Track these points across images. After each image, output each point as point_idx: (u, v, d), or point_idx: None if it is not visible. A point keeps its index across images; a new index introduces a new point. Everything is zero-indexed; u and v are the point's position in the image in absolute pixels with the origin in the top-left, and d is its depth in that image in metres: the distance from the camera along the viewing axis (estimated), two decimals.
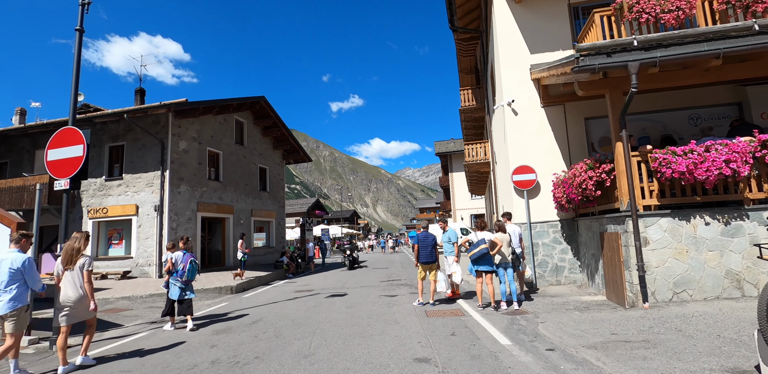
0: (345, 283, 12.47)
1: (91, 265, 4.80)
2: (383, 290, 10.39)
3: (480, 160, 18.03)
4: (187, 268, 6.82)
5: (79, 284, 4.65)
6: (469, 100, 18.65)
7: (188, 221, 15.07)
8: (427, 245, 7.69)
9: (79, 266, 4.70)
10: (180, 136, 15.00)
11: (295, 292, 11.07)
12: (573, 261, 8.80)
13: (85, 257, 4.79)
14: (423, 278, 7.85)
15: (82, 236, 4.83)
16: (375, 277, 13.89)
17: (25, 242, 4.48)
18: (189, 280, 6.93)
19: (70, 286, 4.64)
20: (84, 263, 4.73)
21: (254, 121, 19.99)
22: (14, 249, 4.41)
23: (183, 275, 6.79)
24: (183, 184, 14.96)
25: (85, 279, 4.67)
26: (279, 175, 22.24)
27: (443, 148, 43.54)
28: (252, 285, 13.12)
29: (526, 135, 9.33)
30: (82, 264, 4.72)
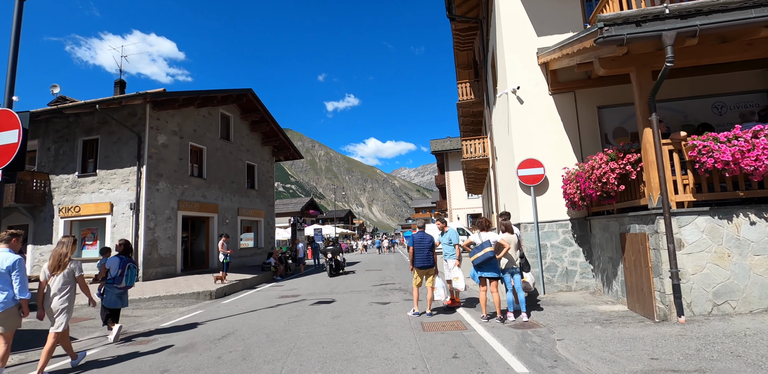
0: (335, 287, 11.54)
1: (82, 270, 4.79)
2: (375, 296, 9.48)
3: (478, 157, 17.17)
4: (125, 274, 5.99)
5: (63, 291, 4.59)
6: (467, 93, 17.78)
7: (167, 220, 14.07)
8: (423, 247, 6.78)
9: (68, 272, 4.65)
10: (159, 129, 14.00)
11: (278, 298, 10.13)
12: (585, 264, 7.93)
13: (74, 262, 4.74)
14: (419, 285, 6.94)
15: (69, 241, 4.78)
16: (367, 280, 12.98)
17: (16, 241, 4.37)
18: (127, 287, 6.18)
19: (54, 293, 4.57)
20: (74, 269, 4.70)
21: (241, 115, 19.00)
22: (4, 248, 4.30)
23: (120, 281, 5.95)
24: (162, 180, 13.96)
25: (80, 284, 4.72)
26: (268, 172, 21.26)
27: (439, 147, 42.73)
28: (235, 290, 12.17)
29: (532, 125, 8.45)
30: (72, 270, 4.68)
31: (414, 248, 6.78)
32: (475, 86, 17.77)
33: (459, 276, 7.19)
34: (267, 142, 20.68)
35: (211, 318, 7.79)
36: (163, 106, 13.80)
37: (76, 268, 4.72)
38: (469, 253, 6.25)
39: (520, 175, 8.24)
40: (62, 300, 4.56)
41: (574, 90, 8.30)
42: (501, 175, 11.64)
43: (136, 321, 8.01)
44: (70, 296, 4.66)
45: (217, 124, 17.28)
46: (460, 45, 19.63)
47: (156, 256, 13.50)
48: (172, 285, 12.09)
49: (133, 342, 5.93)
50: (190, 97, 14.37)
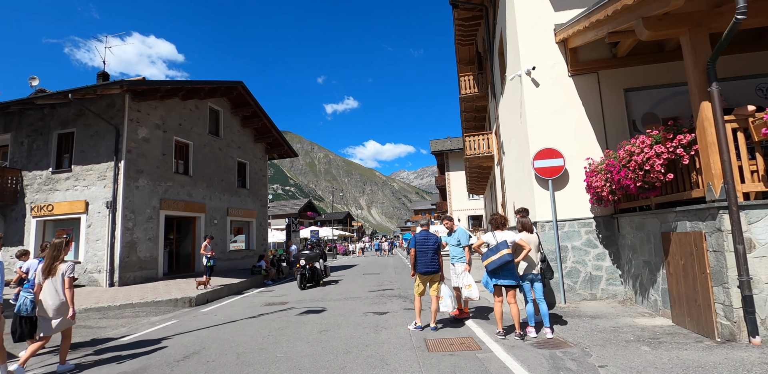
0: (327, 293, 10.50)
1: (73, 272, 4.67)
2: (371, 303, 8.44)
3: (482, 154, 16.18)
4: None
5: (60, 292, 4.51)
6: (470, 87, 16.81)
7: (148, 220, 13.03)
8: (427, 249, 5.75)
9: (61, 273, 4.56)
10: (139, 121, 12.97)
11: (264, 305, 9.10)
12: (612, 269, 6.90)
13: (66, 263, 4.64)
14: (422, 293, 5.91)
15: (62, 242, 4.71)
16: (364, 286, 11.94)
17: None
18: None
19: (49, 295, 4.47)
20: (66, 270, 4.59)
21: (232, 110, 17.99)
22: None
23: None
24: (142, 177, 12.93)
25: (66, 285, 4.55)
26: (261, 170, 20.24)
27: (439, 147, 41.76)
28: (219, 295, 11.14)
29: (549, 111, 7.45)
30: (64, 271, 4.58)
31: (416, 250, 5.76)
32: (479, 79, 16.81)
33: (471, 284, 6.17)
34: (259, 138, 19.67)
35: (182, 330, 6.75)
36: (144, 96, 12.79)
37: (66, 270, 4.60)
38: (481, 256, 5.23)
39: (536, 167, 7.24)
40: (57, 302, 4.47)
41: (597, 70, 7.31)
42: (510, 171, 10.64)
43: (97, 332, 6.97)
44: (62, 299, 4.53)
45: (205, 119, 16.26)
46: (462, 38, 18.68)
47: (135, 259, 12.45)
48: (149, 290, 11.04)
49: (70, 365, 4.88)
50: (174, 88, 13.36)
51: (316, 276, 12.07)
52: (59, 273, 4.55)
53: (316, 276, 12.09)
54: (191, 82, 13.67)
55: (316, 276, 12.09)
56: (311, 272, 11.90)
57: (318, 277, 12.14)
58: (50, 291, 4.49)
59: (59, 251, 4.64)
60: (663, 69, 7.09)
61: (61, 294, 4.51)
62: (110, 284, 11.75)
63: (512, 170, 10.15)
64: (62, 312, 4.50)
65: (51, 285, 4.51)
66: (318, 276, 12.14)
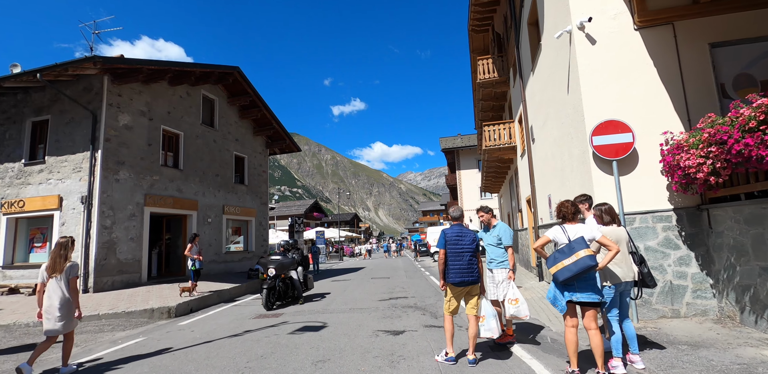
0: (330, 303, 8.95)
1: (77, 272, 4.59)
2: (383, 317, 6.87)
3: (503, 145, 14.55)
4: None
5: (65, 292, 4.45)
6: (488, 71, 15.21)
7: (130, 218, 11.59)
8: (462, 250, 4.15)
9: (65, 274, 4.49)
10: (120, 107, 11.56)
11: (254, 318, 7.57)
12: (700, 277, 5.27)
13: (72, 263, 4.58)
14: (454, 311, 4.30)
15: (67, 241, 4.62)
16: (372, 292, 10.37)
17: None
18: None
19: (55, 295, 4.42)
20: (70, 270, 4.53)
21: (228, 99, 16.56)
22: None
23: None
24: (124, 169, 11.51)
25: (70, 286, 4.50)
26: (261, 166, 18.78)
27: (450, 144, 40.15)
28: (207, 303, 9.67)
29: (610, 75, 5.84)
30: (68, 271, 4.51)
31: (447, 251, 4.17)
32: (498, 63, 15.19)
33: (518, 297, 4.60)
34: (259, 131, 18.21)
35: (143, 352, 5.25)
36: (125, 78, 11.37)
37: (71, 270, 4.55)
38: (545, 260, 3.64)
39: (595, 145, 5.62)
40: (62, 302, 4.44)
41: (672, 21, 5.70)
42: (545, 158, 9.03)
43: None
44: (68, 299, 4.49)
45: (198, 108, 14.84)
46: (477, 25, 17.11)
47: (113, 262, 11.01)
48: (126, 298, 9.58)
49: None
50: (159, 70, 11.93)
51: (292, 291, 9.26)
52: (63, 273, 4.48)
53: (293, 291, 9.27)
54: (179, 63, 12.24)
55: (293, 290, 9.27)
56: (285, 285, 9.08)
57: (295, 292, 9.25)
58: (55, 290, 4.44)
59: (65, 250, 4.56)
60: (761, 17, 5.48)
61: (66, 294, 4.47)
62: (84, 290, 10.31)
63: (549, 156, 8.54)
64: (68, 312, 4.47)
65: (56, 284, 4.46)
66: (295, 290, 9.24)
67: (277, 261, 8.89)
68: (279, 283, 8.82)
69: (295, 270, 9.43)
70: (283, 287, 9.02)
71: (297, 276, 9.37)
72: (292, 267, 9.34)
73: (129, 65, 10.78)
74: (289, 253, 9.81)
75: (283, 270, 8.91)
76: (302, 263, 9.93)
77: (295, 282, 9.25)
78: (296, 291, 9.26)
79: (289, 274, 9.24)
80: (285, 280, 9.13)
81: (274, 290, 8.66)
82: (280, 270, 8.80)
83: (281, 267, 8.84)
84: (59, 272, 4.49)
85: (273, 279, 8.67)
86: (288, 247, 10.02)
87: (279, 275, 8.78)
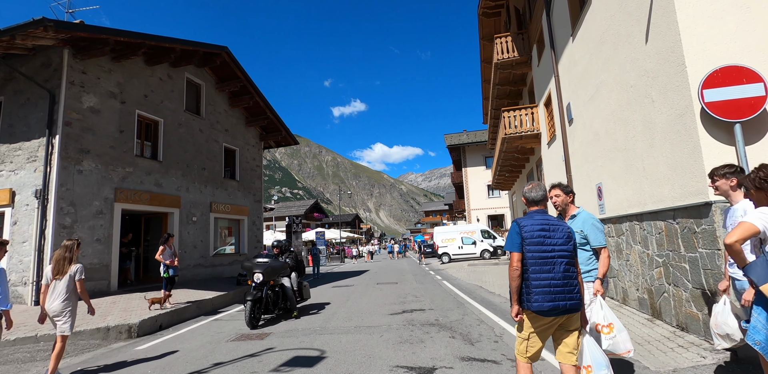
0: (330, 317, 7.26)
1: (82, 274, 4.57)
2: (399, 342, 5.18)
3: (525, 132, 12.86)
4: None
5: (65, 295, 4.41)
6: (507, 50, 13.54)
7: (96, 216, 9.92)
8: (551, 255, 2.44)
9: (71, 275, 4.47)
10: (85, 86, 9.92)
11: (233, 340, 5.91)
12: None
13: (76, 266, 4.56)
14: (534, 357, 2.55)
15: (73, 244, 4.61)
16: (380, 302, 8.70)
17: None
18: None
19: (57, 297, 4.40)
20: (75, 272, 4.52)
21: (217, 84, 14.91)
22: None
23: None
24: (88, 159, 9.85)
25: (79, 288, 4.51)
26: (255, 160, 17.11)
27: (455, 141, 38.49)
28: (183, 317, 8.04)
29: (721, 3, 4.16)
30: (74, 273, 4.50)
31: (525, 257, 2.47)
32: (519, 41, 13.52)
33: (614, 322, 2.94)
34: (252, 121, 16.55)
35: None
36: (90, 52, 9.72)
37: (76, 272, 4.51)
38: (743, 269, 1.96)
39: (707, 102, 3.93)
40: (65, 304, 4.41)
41: None
42: (594, 139, 7.34)
43: None
44: (72, 300, 4.50)
45: (181, 92, 13.19)
46: (489, 5, 15.49)
47: None
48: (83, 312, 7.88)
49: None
50: (130, 43, 10.23)
51: (283, 302, 7.42)
52: (68, 274, 4.46)
53: (284, 302, 7.43)
54: (154, 36, 10.56)
55: (284, 301, 7.43)
56: (275, 294, 7.27)
57: (288, 303, 7.42)
58: (59, 293, 4.41)
59: (70, 252, 4.55)
60: None
61: (69, 295, 4.45)
62: (35, 301, 8.64)
63: (602, 135, 6.85)
64: (69, 314, 4.44)
65: (60, 286, 4.43)
66: (288, 301, 7.41)
67: (266, 264, 7.01)
68: (268, 292, 7.06)
69: (288, 277, 7.68)
70: (272, 297, 7.22)
71: (290, 283, 7.62)
72: (284, 273, 7.57)
73: (91, 34, 9.12)
74: (282, 256, 8.03)
75: (272, 276, 7.09)
76: (297, 268, 8.10)
77: (287, 291, 7.45)
78: (288, 303, 7.46)
79: (280, 281, 7.47)
80: (275, 288, 7.33)
81: (260, 302, 6.88)
82: (269, 276, 6.98)
83: (271, 272, 7.00)
84: (63, 274, 4.46)
85: (260, 288, 6.93)
86: (282, 248, 8.18)
87: (267, 282, 7.01)
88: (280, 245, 8.23)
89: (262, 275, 6.86)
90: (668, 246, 4.78)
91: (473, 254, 22.84)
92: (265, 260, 7.24)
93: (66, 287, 4.43)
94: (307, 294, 8.32)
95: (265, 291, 6.99)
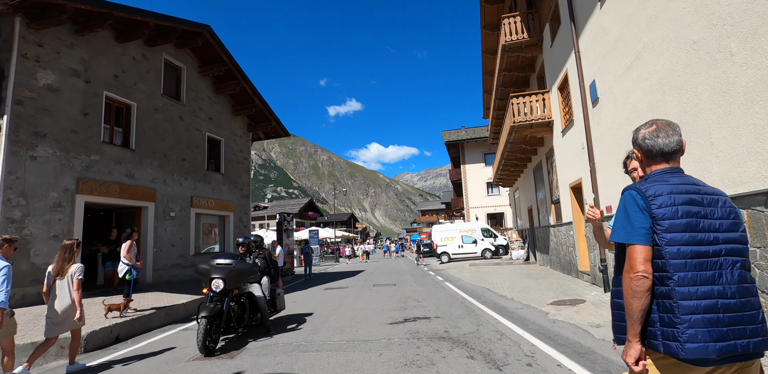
0: (318, 328, 6.10)
1: (81, 274, 4.54)
2: (404, 364, 4.04)
3: (536, 120, 11.77)
4: None
5: (68, 294, 4.43)
6: (516, 31, 12.44)
7: (53, 209, 8.70)
8: (714, 248, 1.33)
9: (70, 275, 4.47)
10: (41, 61, 8.69)
11: (194, 360, 4.75)
12: None
13: (76, 265, 4.54)
14: None
15: (73, 243, 4.63)
16: (378, 307, 7.56)
17: (8, 248, 4.03)
18: None
19: (59, 297, 4.42)
20: (74, 271, 4.49)
21: (200, 68, 13.70)
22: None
23: None
24: (45, 144, 8.63)
25: (74, 287, 4.45)
26: (242, 151, 15.89)
27: (453, 137, 37.42)
28: (150, 325, 6.95)
29: None
30: (73, 273, 4.48)
31: (664, 251, 1.33)
32: (529, 21, 12.43)
33: None
34: (239, 109, 15.33)
35: None
36: (46, 21, 8.49)
37: (75, 272, 4.50)
38: None
39: None
40: (65, 303, 4.39)
41: None
42: (630, 118, 6.24)
43: None
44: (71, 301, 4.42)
45: (158, 75, 11.96)
46: None
47: (25, 267, 8.14)
48: (27, 321, 6.69)
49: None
50: (94, 13, 8.98)
51: (252, 315, 5.85)
52: (68, 274, 4.46)
53: (252, 316, 5.87)
54: (123, 7, 9.32)
55: (253, 313, 5.87)
56: (240, 307, 5.64)
57: (257, 316, 5.90)
58: (60, 292, 4.43)
59: (71, 252, 4.56)
60: None
61: (69, 296, 4.42)
62: None
63: (643, 111, 5.75)
64: (69, 314, 4.42)
65: (61, 287, 4.45)
66: (260, 313, 5.85)
67: (229, 267, 5.35)
68: (231, 305, 5.40)
69: (258, 283, 6.10)
70: (237, 310, 5.56)
71: (262, 292, 6.00)
72: (254, 279, 6.03)
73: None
74: (250, 256, 6.44)
75: (238, 282, 5.49)
76: (269, 271, 6.48)
77: (258, 302, 5.82)
78: (259, 315, 5.88)
79: (247, 289, 5.88)
80: (240, 299, 5.67)
81: (219, 318, 5.15)
82: (234, 283, 5.39)
83: (235, 277, 5.39)
84: (64, 275, 4.47)
85: (220, 299, 5.26)
86: (249, 246, 6.53)
87: (230, 291, 5.38)
88: (247, 242, 6.52)
89: (224, 282, 5.21)
90: (755, 242, 3.68)
91: (474, 253, 21.76)
92: (228, 262, 5.50)
93: (65, 287, 4.47)
94: (282, 304, 6.76)
95: (227, 303, 5.30)
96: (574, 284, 9.31)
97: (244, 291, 5.80)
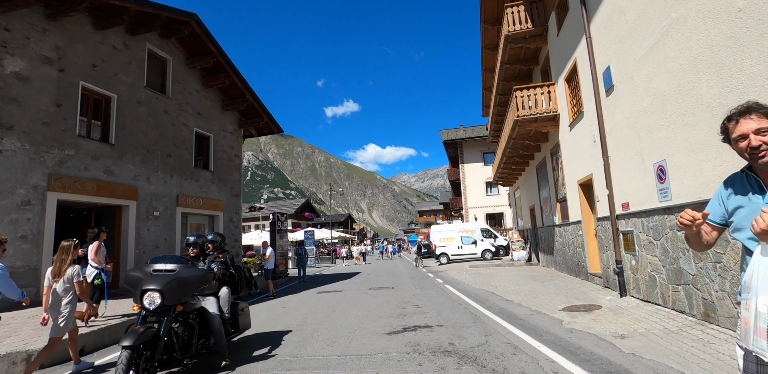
0: (309, 337, 5.44)
1: (81, 276, 4.51)
2: None
3: (541, 114, 11.16)
4: None
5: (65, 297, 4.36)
6: (519, 21, 11.83)
7: (21, 207, 8.00)
8: None
9: (68, 277, 4.39)
10: (8, 46, 8.01)
11: None
12: None
13: (74, 267, 4.47)
14: None
15: (70, 245, 4.50)
16: (374, 314, 6.90)
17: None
18: None
19: (56, 298, 4.36)
20: (73, 274, 4.43)
21: (187, 60, 13.02)
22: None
23: None
24: (11, 136, 7.93)
25: (77, 290, 4.41)
26: (233, 148, 15.21)
27: (451, 136, 36.80)
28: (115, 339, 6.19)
29: None
30: (71, 275, 4.41)
31: None
32: (534, 10, 11.83)
33: None
34: (229, 104, 14.66)
35: None
36: (12, 2, 7.80)
37: (75, 273, 4.43)
38: None
39: None
40: (65, 306, 4.35)
41: None
42: (654, 104, 5.62)
43: None
44: (72, 302, 4.42)
45: (142, 65, 11.28)
46: None
47: None
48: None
49: None
50: None
51: (203, 342, 4.33)
52: (65, 277, 4.39)
53: (205, 340, 4.35)
54: None
55: (205, 339, 4.36)
56: (187, 330, 4.04)
57: (211, 341, 4.38)
58: (59, 295, 4.37)
59: (67, 254, 4.46)
60: None
61: (68, 298, 4.38)
62: None
63: (669, 96, 5.13)
64: (67, 316, 4.36)
65: (59, 288, 4.38)
66: (214, 337, 4.33)
67: (170, 277, 3.81)
68: (172, 327, 3.83)
69: (215, 297, 4.67)
70: (183, 333, 3.97)
71: (217, 308, 4.53)
72: (207, 290, 4.60)
73: None
74: (204, 260, 4.98)
75: (182, 295, 3.89)
76: (230, 281, 5.07)
77: (212, 323, 4.31)
78: (214, 339, 4.33)
79: (197, 305, 4.36)
80: (187, 319, 4.11)
81: (153, 347, 3.57)
82: (176, 297, 3.82)
83: (177, 288, 3.81)
84: (62, 275, 4.41)
85: (156, 319, 3.78)
86: (203, 247, 5.09)
87: (172, 308, 3.82)
88: (199, 242, 5.01)
89: (161, 295, 3.68)
90: None
91: (474, 254, 21.13)
92: (170, 267, 3.94)
93: (65, 289, 4.40)
94: (246, 323, 5.38)
95: (167, 324, 3.71)
96: (585, 287, 8.69)
97: (192, 308, 4.23)
